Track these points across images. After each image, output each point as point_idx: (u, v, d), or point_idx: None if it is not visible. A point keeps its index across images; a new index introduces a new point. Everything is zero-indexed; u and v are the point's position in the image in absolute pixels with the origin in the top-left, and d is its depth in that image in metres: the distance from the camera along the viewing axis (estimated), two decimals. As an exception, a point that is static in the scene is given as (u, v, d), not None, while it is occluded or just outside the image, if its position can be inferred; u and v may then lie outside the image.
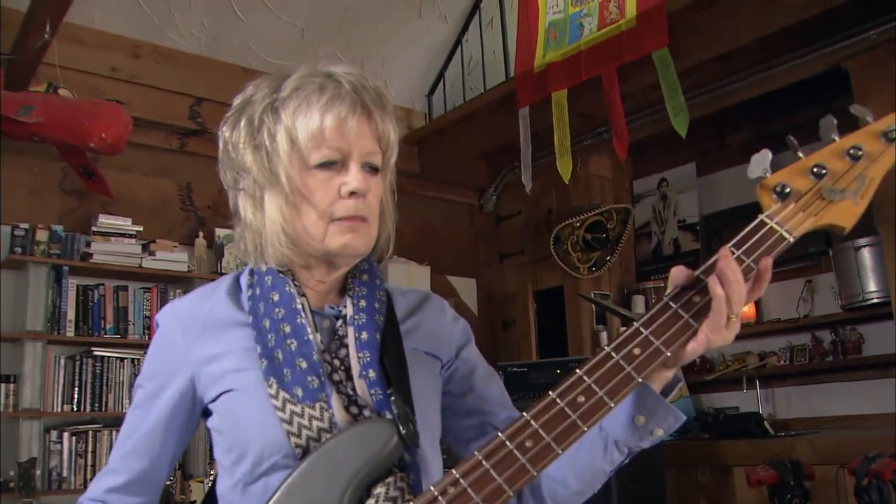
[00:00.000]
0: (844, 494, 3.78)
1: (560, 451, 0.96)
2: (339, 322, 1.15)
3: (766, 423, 4.53)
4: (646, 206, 5.55)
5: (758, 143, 1.21)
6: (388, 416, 1.06)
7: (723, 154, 5.23)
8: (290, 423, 1.05)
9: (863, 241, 4.24)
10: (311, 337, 1.11)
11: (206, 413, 1.17)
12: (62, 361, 4.11)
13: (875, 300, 4.24)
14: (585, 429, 0.97)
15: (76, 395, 4.10)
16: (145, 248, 4.35)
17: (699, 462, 4.51)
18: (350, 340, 1.12)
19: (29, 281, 4.06)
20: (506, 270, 5.80)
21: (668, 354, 0.98)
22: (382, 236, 1.19)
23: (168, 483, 4.08)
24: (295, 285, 1.15)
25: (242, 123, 1.14)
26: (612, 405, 0.97)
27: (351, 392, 1.09)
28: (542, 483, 1.16)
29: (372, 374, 1.09)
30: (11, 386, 3.98)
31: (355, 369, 1.10)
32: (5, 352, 4.07)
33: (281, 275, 1.15)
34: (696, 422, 4.87)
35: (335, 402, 1.07)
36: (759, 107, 4.64)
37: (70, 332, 4.13)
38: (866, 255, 4.26)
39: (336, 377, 1.10)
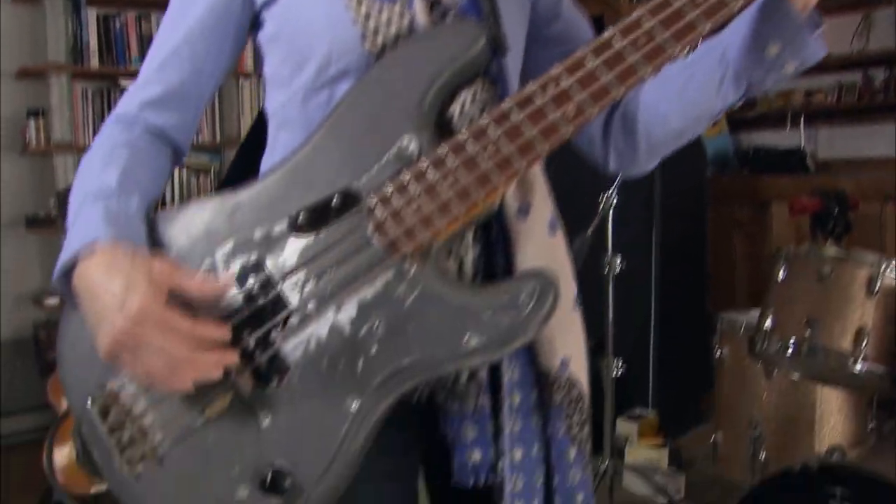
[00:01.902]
0: (886, 229, 3.75)
1: (677, 52, 0.84)
2: None
3: (808, 159, 4.42)
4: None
5: None
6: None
7: None
8: (364, 22, 0.92)
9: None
10: None
11: (258, 26, 1.03)
12: (90, 95, 4.01)
13: (939, 31, 3.98)
14: (706, 27, 0.85)
15: (107, 129, 4.03)
16: (165, -28, 4.10)
17: (737, 197, 4.47)
18: None
19: (45, 13, 3.87)
20: None
21: None
22: None
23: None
24: None
25: None
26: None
27: None
28: (637, 117, 1.06)
29: None
30: (41, 120, 3.91)
31: None
32: (30, 87, 3.97)
33: None
34: (734, 157, 4.78)
35: (417, 3, 0.94)
36: None
37: (95, 64, 4.00)
38: (932, -17, 3.96)
39: None
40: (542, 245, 0.97)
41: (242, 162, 1.18)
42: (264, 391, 0.89)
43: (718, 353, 2.65)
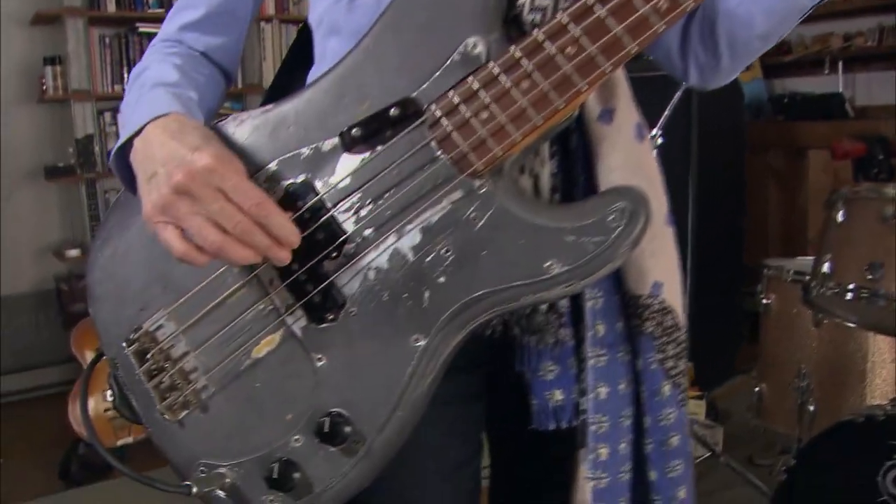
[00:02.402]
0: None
1: None
2: None
3: (847, 105, 4.26)
4: None
5: None
6: None
7: None
8: None
9: None
10: None
11: None
12: (107, 41, 3.90)
13: None
14: None
15: (125, 76, 3.93)
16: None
17: (772, 144, 4.32)
18: None
19: (59, -45, 3.76)
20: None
21: None
22: None
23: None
24: None
25: None
26: None
27: None
28: (718, 23, 0.94)
29: None
30: (58, 68, 3.81)
31: None
32: (46, 34, 3.88)
33: None
34: (768, 103, 4.62)
35: None
36: None
37: (111, 9, 3.88)
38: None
39: None
40: (629, 151, 0.86)
41: (285, 80, 1.07)
42: (318, 328, 0.80)
43: (764, 301, 2.53)
